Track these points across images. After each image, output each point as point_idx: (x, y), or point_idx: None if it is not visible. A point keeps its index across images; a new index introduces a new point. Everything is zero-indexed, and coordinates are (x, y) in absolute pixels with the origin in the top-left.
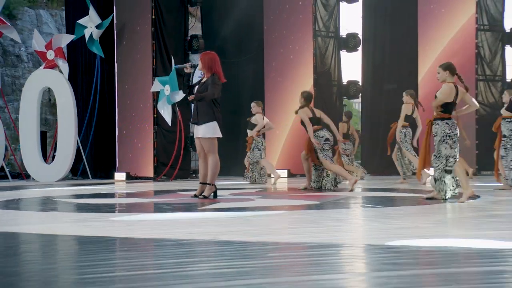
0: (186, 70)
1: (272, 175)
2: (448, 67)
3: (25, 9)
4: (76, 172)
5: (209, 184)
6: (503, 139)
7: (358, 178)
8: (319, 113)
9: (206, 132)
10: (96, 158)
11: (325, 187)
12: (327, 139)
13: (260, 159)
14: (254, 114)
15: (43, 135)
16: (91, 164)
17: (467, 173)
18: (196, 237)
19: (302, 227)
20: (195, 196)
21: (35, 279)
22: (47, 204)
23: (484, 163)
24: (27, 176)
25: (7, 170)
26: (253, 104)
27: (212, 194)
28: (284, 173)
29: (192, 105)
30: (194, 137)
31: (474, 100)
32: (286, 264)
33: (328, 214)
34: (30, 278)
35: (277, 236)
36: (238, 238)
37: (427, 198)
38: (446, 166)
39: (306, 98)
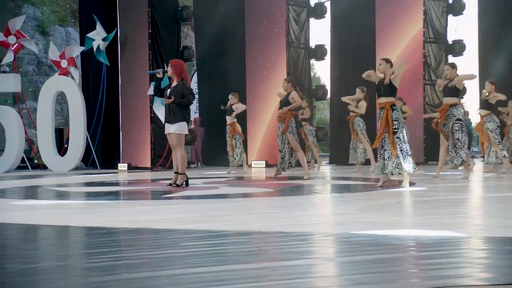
0: (158, 75)
1: None
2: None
3: (56, 27)
4: (87, 162)
5: (181, 174)
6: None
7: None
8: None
9: (177, 129)
10: (104, 151)
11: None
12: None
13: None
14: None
15: (60, 132)
16: (99, 156)
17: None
18: (127, 225)
19: (236, 214)
20: (170, 184)
21: None
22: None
23: (430, 155)
24: (44, 167)
25: (27, 161)
26: (230, 96)
27: (184, 182)
28: (262, 163)
29: (164, 106)
30: (166, 133)
31: None
32: (188, 253)
33: (275, 202)
34: None
35: (205, 224)
36: (167, 226)
37: (380, 186)
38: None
39: (293, 82)
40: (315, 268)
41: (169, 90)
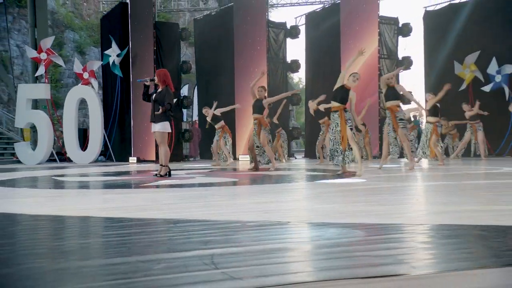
0: (146, 83)
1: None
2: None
3: (91, 48)
4: (105, 156)
5: (164, 166)
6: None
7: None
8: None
9: (161, 128)
10: (119, 147)
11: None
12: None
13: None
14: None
15: (85, 132)
16: (115, 151)
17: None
18: (74, 214)
19: (185, 202)
20: (156, 175)
21: None
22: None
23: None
24: (69, 160)
25: (55, 155)
26: (204, 110)
27: (167, 173)
28: (247, 157)
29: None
30: (152, 131)
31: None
32: (114, 242)
33: (228, 191)
34: None
35: (146, 212)
36: (112, 215)
37: (338, 175)
38: None
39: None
40: (205, 259)
41: (154, 95)
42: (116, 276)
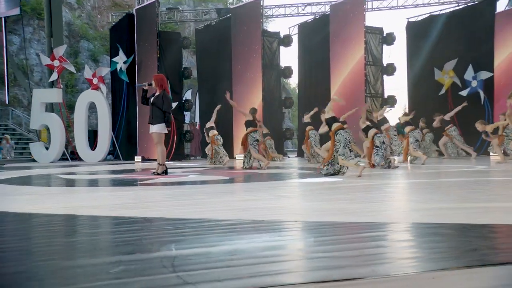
0: (144, 88)
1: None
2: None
3: (104, 56)
4: (113, 155)
5: (161, 165)
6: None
7: (268, 163)
8: (259, 122)
9: (157, 129)
10: (126, 146)
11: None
12: (256, 140)
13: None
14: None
15: (95, 133)
16: (122, 150)
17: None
18: (44, 211)
19: (165, 200)
20: (153, 173)
21: None
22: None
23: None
24: (80, 158)
25: (67, 154)
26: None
27: (164, 171)
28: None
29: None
30: (150, 132)
31: None
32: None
33: (214, 188)
34: None
35: (134, 210)
36: (91, 213)
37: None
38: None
39: (252, 112)
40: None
41: (152, 98)
42: (67, 281)
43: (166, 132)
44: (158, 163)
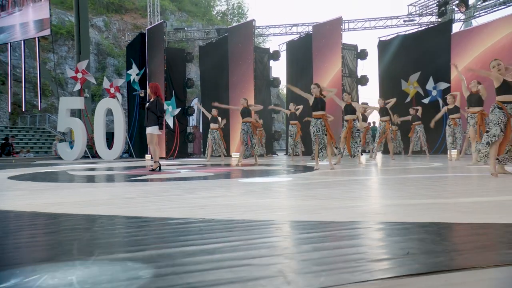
0: (140, 95)
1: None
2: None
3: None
4: (128, 153)
5: (155, 162)
6: None
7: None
8: (252, 106)
9: (151, 131)
10: (139, 146)
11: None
12: (246, 132)
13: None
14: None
15: (113, 135)
16: (135, 149)
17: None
18: (20, 209)
19: (140, 197)
20: (151, 169)
21: None
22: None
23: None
24: (99, 157)
25: (88, 152)
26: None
27: (158, 168)
28: (238, 154)
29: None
30: (146, 133)
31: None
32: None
33: (193, 185)
34: None
35: (94, 207)
36: (63, 211)
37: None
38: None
39: (244, 101)
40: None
41: (147, 104)
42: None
43: (160, 133)
44: (154, 161)
